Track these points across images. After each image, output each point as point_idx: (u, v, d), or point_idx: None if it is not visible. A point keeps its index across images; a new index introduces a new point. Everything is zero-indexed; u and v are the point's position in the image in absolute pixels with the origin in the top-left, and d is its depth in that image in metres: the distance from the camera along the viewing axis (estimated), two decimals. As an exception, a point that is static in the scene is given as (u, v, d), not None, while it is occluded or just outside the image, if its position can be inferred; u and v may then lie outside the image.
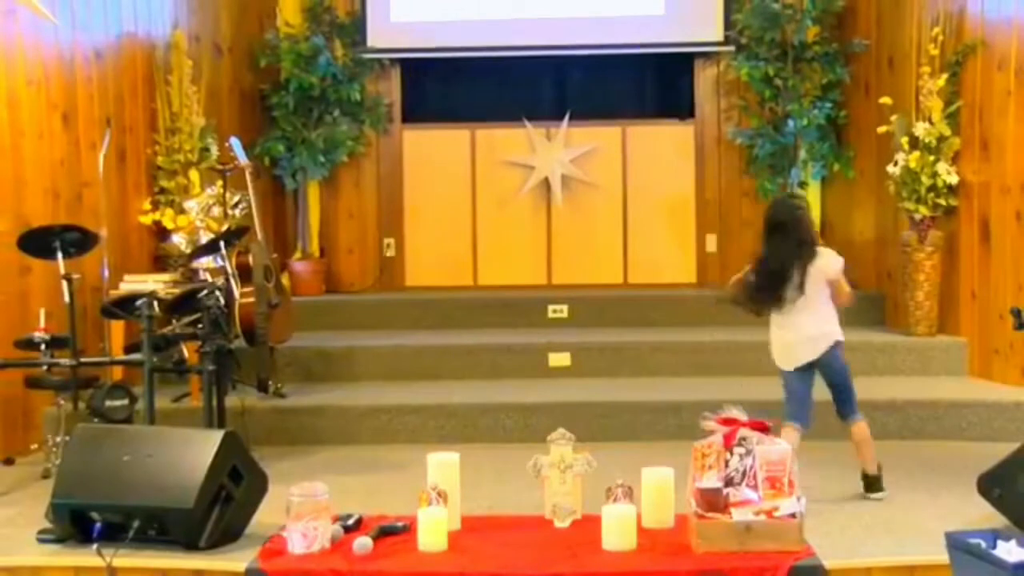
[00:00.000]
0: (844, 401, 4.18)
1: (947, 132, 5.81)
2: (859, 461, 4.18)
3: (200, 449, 3.60)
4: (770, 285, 4.10)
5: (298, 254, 7.63)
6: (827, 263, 4.11)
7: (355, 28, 7.65)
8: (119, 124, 5.90)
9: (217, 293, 4.62)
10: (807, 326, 4.11)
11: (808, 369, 4.16)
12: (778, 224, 4.13)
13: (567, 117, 7.71)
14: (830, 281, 4.12)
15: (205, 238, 5.56)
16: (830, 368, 4.15)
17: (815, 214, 7.50)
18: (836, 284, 4.13)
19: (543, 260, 7.79)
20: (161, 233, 6.12)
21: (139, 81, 6.16)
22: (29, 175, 5.14)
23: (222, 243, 5.19)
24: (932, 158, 5.83)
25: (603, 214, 7.76)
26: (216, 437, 3.65)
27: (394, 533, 3.60)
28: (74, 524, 3.60)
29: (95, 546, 3.45)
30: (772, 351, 4.24)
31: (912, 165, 5.86)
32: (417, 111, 7.95)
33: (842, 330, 4.16)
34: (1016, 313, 4.11)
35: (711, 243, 7.73)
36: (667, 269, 7.73)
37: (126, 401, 4.57)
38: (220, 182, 5.75)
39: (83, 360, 4.56)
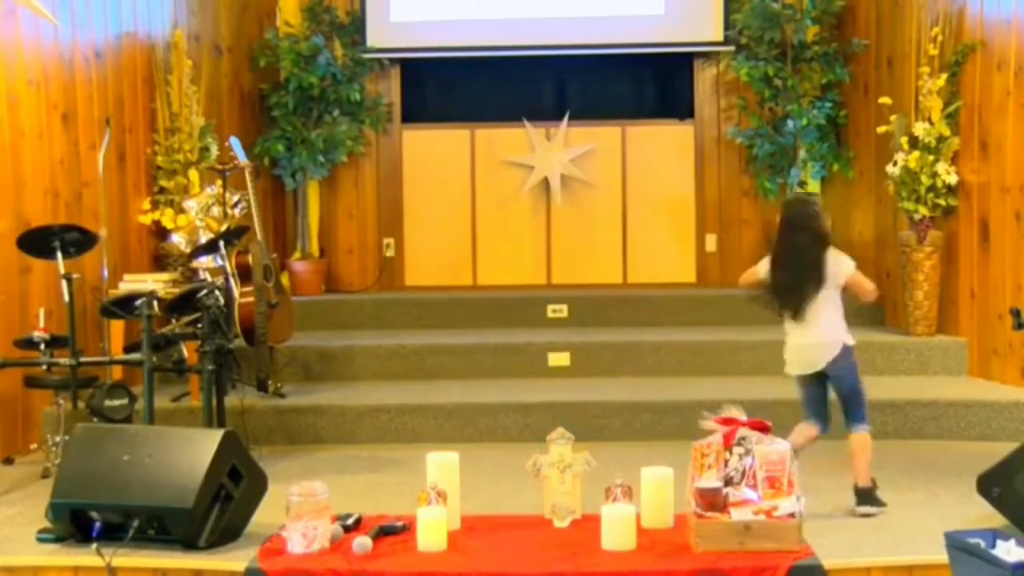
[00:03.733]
0: (846, 411, 4.03)
1: (946, 132, 5.81)
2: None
3: (200, 449, 3.60)
4: (789, 292, 3.98)
5: (298, 254, 7.63)
6: (838, 268, 3.97)
7: (355, 28, 7.65)
8: (119, 124, 5.90)
9: (217, 293, 4.62)
10: (814, 332, 3.98)
11: (817, 376, 4.03)
12: (789, 225, 4.01)
13: (567, 117, 7.70)
14: (846, 284, 4.00)
15: (205, 238, 5.55)
16: (836, 376, 4.01)
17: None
18: (854, 285, 4.01)
19: (543, 260, 7.79)
20: (161, 233, 6.12)
21: (139, 81, 6.16)
22: (29, 175, 5.14)
23: (222, 243, 5.19)
24: (931, 158, 5.83)
25: (603, 214, 7.76)
26: (215, 437, 3.65)
27: (393, 533, 3.60)
28: (74, 524, 3.60)
29: (95, 546, 3.46)
30: (785, 355, 4.11)
31: (911, 165, 5.86)
32: (417, 111, 7.95)
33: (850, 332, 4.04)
34: (1015, 313, 4.11)
35: (711, 243, 7.73)
36: (667, 269, 7.73)
37: (126, 401, 4.57)
38: (220, 182, 5.74)
39: (83, 360, 4.55)
